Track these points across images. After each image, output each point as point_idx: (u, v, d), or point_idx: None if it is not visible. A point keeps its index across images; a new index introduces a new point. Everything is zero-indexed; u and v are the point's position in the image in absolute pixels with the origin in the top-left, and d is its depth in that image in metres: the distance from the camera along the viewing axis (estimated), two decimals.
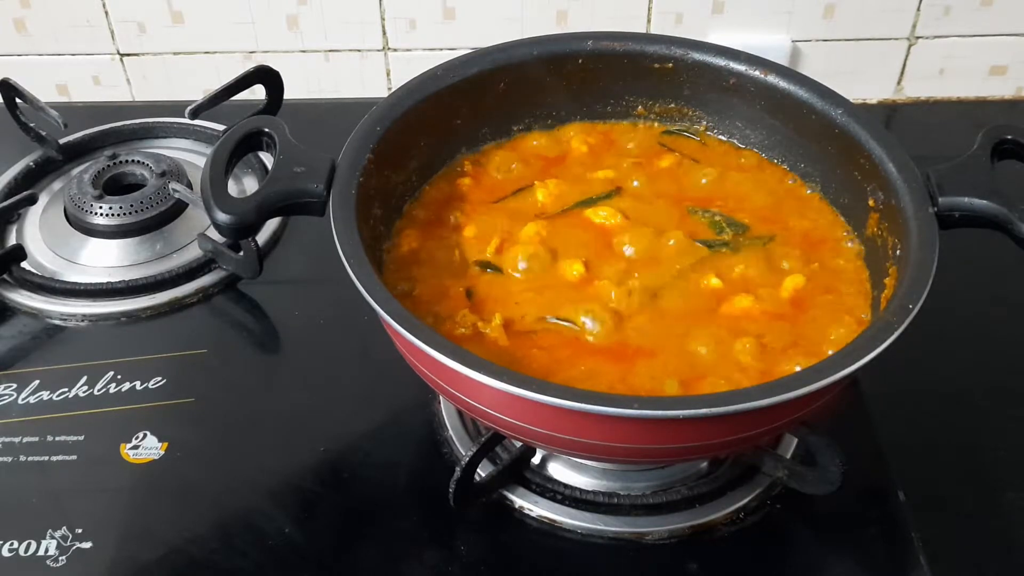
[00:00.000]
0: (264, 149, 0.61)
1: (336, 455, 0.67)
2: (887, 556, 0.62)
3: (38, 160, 0.90)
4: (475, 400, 0.54)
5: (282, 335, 0.79)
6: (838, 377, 0.49)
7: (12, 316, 0.78)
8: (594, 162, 0.71)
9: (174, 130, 0.95)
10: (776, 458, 0.63)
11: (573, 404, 0.48)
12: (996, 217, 0.57)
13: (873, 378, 0.67)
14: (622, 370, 0.57)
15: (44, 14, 0.98)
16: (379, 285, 0.53)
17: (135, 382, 0.72)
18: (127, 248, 0.82)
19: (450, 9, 0.96)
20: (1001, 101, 1.02)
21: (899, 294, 0.54)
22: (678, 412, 0.48)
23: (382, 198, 0.64)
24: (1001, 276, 0.78)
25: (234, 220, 0.56)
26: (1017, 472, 0.66)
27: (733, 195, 0.68)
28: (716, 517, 0.63)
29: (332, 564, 0.61)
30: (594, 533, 0.62)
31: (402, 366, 0.59)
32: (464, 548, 0.62)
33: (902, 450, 0.66)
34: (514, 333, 0.59)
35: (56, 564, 0.61)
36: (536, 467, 0.65)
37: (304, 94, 1.01)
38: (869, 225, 0.63)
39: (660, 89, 0.72)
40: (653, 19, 0.96)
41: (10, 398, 0.71)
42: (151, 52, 1.00)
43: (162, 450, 0.67)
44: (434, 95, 0.67)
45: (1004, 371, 0.73)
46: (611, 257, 0.64)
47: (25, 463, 0.67)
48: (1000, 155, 0.60)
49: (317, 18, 0.97)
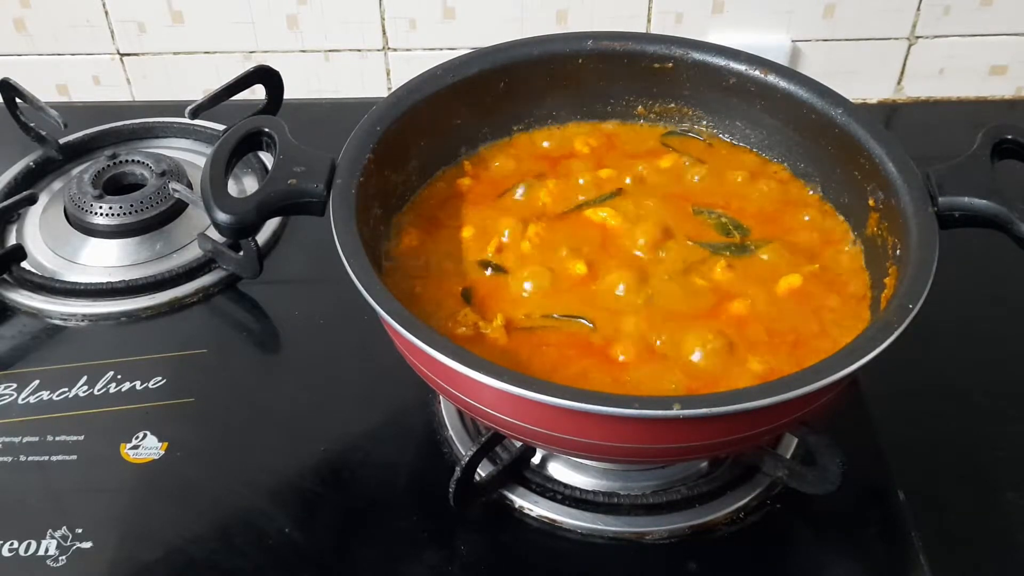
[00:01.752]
0: (264, 149, 0.62)
1: (336, 455, 0.67)
2: (887, 556, 0.62)
3: (38, 160, 0.90)
4: (475, 400, 0.54)
5: (282, 335, 0.79)
6: (838, 377, 0.49)
7: (12, 316, 0.78)
8: (595, 162, 0.71)
9: (174, 130, 0.95)
10: (776, 458, 0.63)
11: (573, 404, 0.48)
12: (996, 217, 0.57)
13: (873, 378, 0.67)
14: (623, 369, 0.57)
15: (44, 14, 0.98)
16: (379, 285, 0.53)
17: (135, 382, 0.72)
18: (127, 248, 0.82)
19: (450, 9, 0.96)
20: (1001, 101, 1.02)
21: (899, 294, 0.54)
22: (678, 412, 0.48)
23: (382, 198, 0.64)
24: (1001, 276, 0.78)
25: (234, 220, 0.56)
26: (1017, 472, 0.66)
27: (734, 195, 0.68)
28: (716, 517, 0.63)
29: (332, 564, 0.61)
30: (594, 533, 0.62)
31: (402, 366, 0.59)
32: (464, 548, 0.62)
33: (902, 450, 0.66)
34: (515, 333, 0.59)
35: (56, 564, 0.61)
36: (536, 467, 0.65)
37: (304, 94, 1.01)
38: (869, 225, 0.63)
39: (660, 89, 0.72)
40: (653, 19, 0.96)
41: (10, 398, 0.71)
42: (151, 52, 1.00)
43: (162, 450, 0.67)
44: (434, 95, 0.67)
45: (1004, 371, 0.73)
46: (612, 257, 0.64)
47: (25, 463, 0.67)
48: (1000, 155, 0.60)
49: (317, 18, 0.97)
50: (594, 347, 0.58)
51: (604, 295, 0.61)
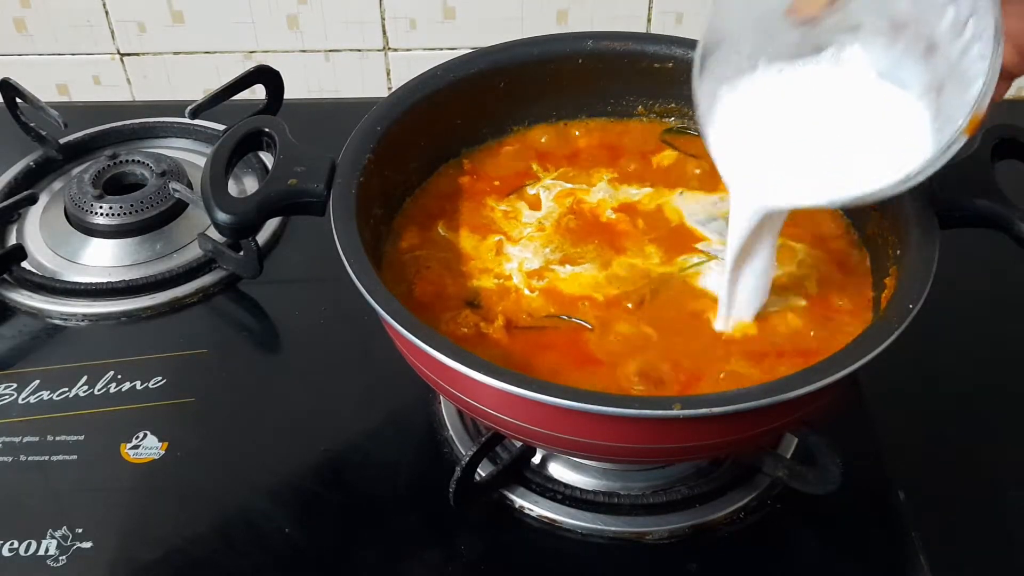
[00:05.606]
0: (264, 149, 0.62)
1: (336, 455, 0.67)
2: (887, 556, 0.62)
3: (38, 160, 0.90)
4: (475, 400, 0.54)
5: (282, 335, 0.79)
6: (838, 377, 0.49)
7: (12, 316, 0.78)
8: (595, 160, 0.71)
9: (174, 130, 0.95)
10: (776, 458, 0.63)
11: (573, 404, 0.48)
12: (996, 217, 0.57)
13: (873, 378, 0.67)
14: (622, 369, 0.57)
15: (44, 14, 0.98)
16: (379, 285, 0.53)
17: (135, 382, 0.72)
18: (127, 248, 0.82)
19: (450, 9, 0.96)
20: (1001, 101, 1.02)
21: (899, 294, 0.54)
22: (678, 412, 0.48)
23: (382, 198, 0.64)
24: (1001, 276, 0.78)
25: (234, 220, 0.56)
26: (1017, 472, 0.66)
27: None
28: (716, 517, 0.63)
29: (332, 564, 0.61)
30: (594, 533, 0.62)
31: (402, 366, 0.59)
32: (464, 548, 0.62)
33: (902, 450, 0.66)
34: (516, 332, 0.59)
35: (56, 564, 0.61)
36: (536, 467, 0.65)
37: (304, 94, 1.01)
38: (870, 225, 0.63)
39: (660, 89, 0.72)
40: (653, 19, 0.96)
41: (10, 398, 0.71)
42: (151, 52, 1.00)
43: (162, 450, 0.67)
44: (434, 95, 0.67)
45: (1004, 371, 0.73)
46: (613, 255, 0.64)
47: (25, 463, 0.67)
48: (1000, 155, 0.60)
49: (317, 18, 0.97)
50: (594, 345, 0.58)
51: (605, 292, 0.61)
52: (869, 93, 0.51)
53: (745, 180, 0.54)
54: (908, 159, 0.49)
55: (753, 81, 0.53)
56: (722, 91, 0.54)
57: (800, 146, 0.52)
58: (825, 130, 0.52)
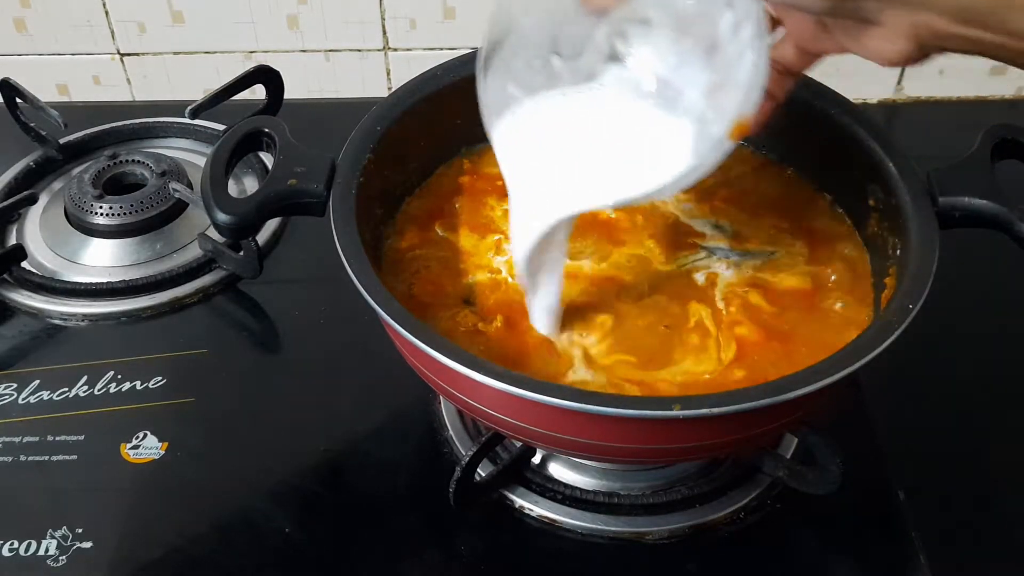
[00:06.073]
0: (264, 149, 0.61)
1: (336, 455, 0.67)
2: (887, 556, 0.62)
3: (38, 160, 0.90)
4: (475, 400, 0.54)
5: (282, 335, 0.79)
6: (838, 377, 0.49)
7: (12, 316, 0.78)
8: None
9: (174, 130, 0.95)
10: (776, 458, 0.63)
11: (573, 404, 0.48)
12: (996, 217, 0.57)
13: (873, 378, 0.67)
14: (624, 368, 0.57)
15: (44, 14, 0.98)
16: (379, 285, 0.53)
17: (135, 382, 0.72)
18: (127, 248, 0.82)
19: (450, 9, 0.96)
20: (1001, 101, 1.02)
21: (899, 294, 0.54)
22: (678, 412, 0.48)
23: (382, 198, 0.64)
24: (1001, 276, 0.78)
25: (234, 220, 0.56)
26: (1017, 472, 0.66)
27: (734, 194, 0.68)
28: (716, 517, 0.63)
29: (332, 564, 0.61)
30: (594, 533, 0.62)
31: (402, 366, 0.59)
32: (464, 548, 0.62)
33: (902, 450, 0.66)
34: (516, 332, 0.59)
35: (56, 564, 0.61)
36: (536, 467, 0.65)
37: (304, 94, 1.01)
38: (870, 225, 0.63)
39: None
40: None
41: (10, 398, 0.71)
42: (151, 52, 1.00)
43: (162, 450, 0.67)
44: (434, 95, 0.67)
45: (1004, 371, 0.73)
46: (614, 254, 0.64)
47: (25, 463, 0.67)
48: (1000, 155, 0.60)
49: (317, 18, 0.97)
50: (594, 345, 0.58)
51: (606, 291, 0.61)
52: (638, 112, 0.52)
53: (528, 189, 0.55)
54: (671, 166, 0.50)
55: (536, 101, 0.54)
56: (511, 89, 0.55)
57: (577, 157, 0.53)
58: (601, 143, 0.53)
